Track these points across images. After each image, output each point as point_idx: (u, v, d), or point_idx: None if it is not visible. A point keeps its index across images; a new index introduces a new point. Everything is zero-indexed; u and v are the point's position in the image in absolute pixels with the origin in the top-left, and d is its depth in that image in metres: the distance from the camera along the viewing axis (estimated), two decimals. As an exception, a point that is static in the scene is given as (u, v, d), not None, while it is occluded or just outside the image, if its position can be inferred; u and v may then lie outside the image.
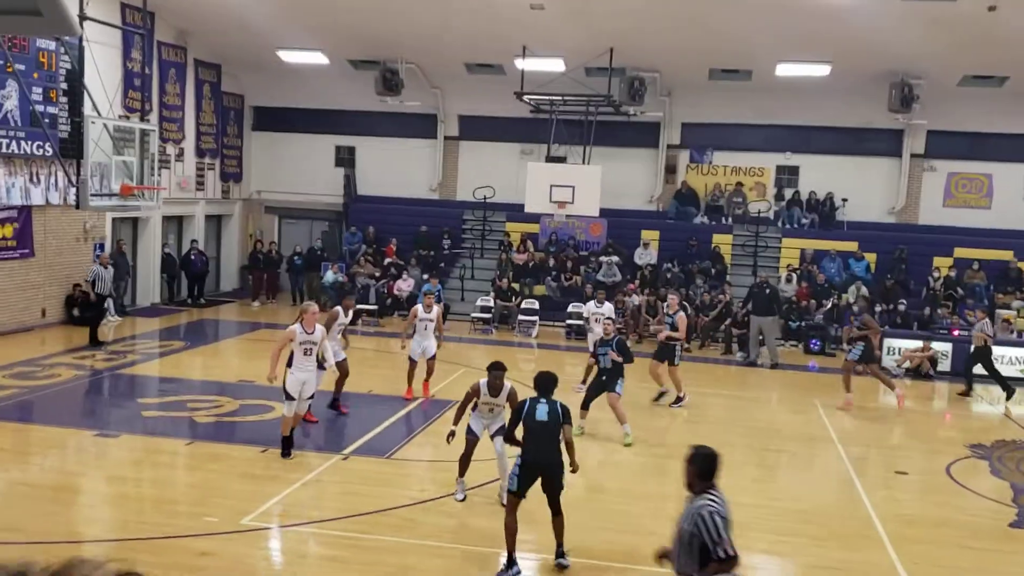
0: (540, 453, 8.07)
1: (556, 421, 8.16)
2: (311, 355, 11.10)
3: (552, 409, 8.18)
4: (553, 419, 8.14)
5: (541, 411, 8.17)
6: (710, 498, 5.24)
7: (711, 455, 5.44)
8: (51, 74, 18.30)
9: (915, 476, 11.90)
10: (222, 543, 8.35)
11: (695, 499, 5.30)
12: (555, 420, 8.15)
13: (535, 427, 8.13)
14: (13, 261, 18.18)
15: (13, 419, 12.36)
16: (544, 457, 8.09)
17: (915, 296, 22.14)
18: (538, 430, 8.12)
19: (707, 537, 5.06)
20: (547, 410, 8.18)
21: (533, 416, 8.15)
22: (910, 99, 21.99)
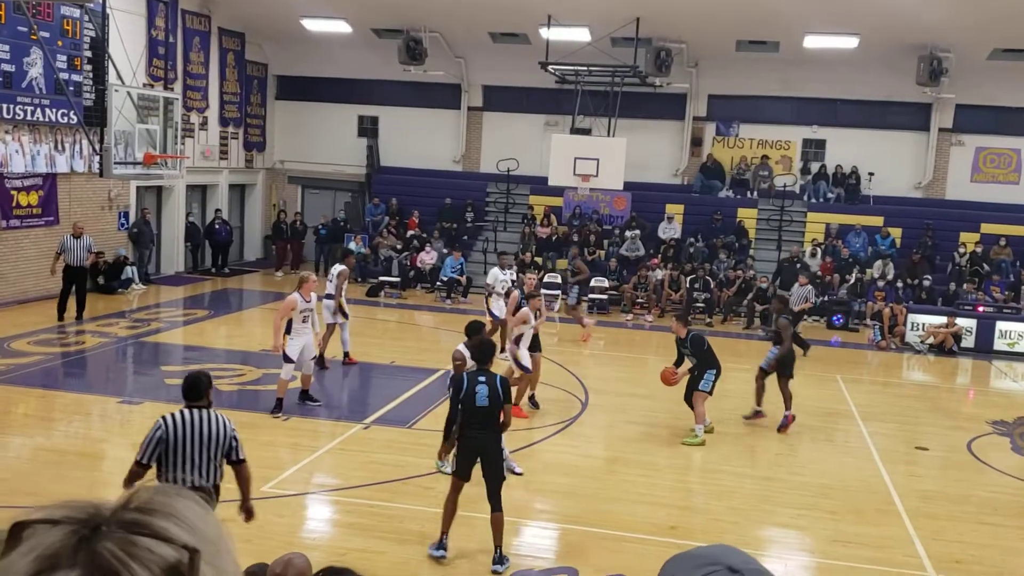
0: (476, 439, 7.63)
1: (497, 403, 7.57)
2: (308, 322, 11.57)
3: (493, 392, 7.55)
4: (494, 402, 7.56)
5: (482, 394, 7.54)
6: None
7: None
8: (75, 42, 18.35)
9: (936, 452, 11.84)
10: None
11: None
12: (496, 402, 7.57)
13: (474, 411, 7.57)
14: (38, 228, 18.34)
15: (38, 385, 12.53)
16: (481, 441, 7.63)
17: (940, 271, 21.92)
18: (476, 414, 7.58)
19: None
20: (487, 393, 7.54)
21: (473, 400, 7.55)
22: (939, 73, 21.65)
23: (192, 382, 6.46)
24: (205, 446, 6.22)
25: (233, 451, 6.35)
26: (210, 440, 6.24)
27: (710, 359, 11.47)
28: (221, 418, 6.36)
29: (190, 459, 6.21)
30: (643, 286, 21.26)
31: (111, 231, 20.54)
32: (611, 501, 9.26)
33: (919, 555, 8.33)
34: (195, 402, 6.38)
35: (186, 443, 6.19)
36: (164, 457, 6.22)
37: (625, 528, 8.51)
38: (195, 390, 6.41)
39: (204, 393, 6.43)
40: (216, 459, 6.29)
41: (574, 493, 9.55)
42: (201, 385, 6.44)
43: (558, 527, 8.74)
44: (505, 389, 7.67)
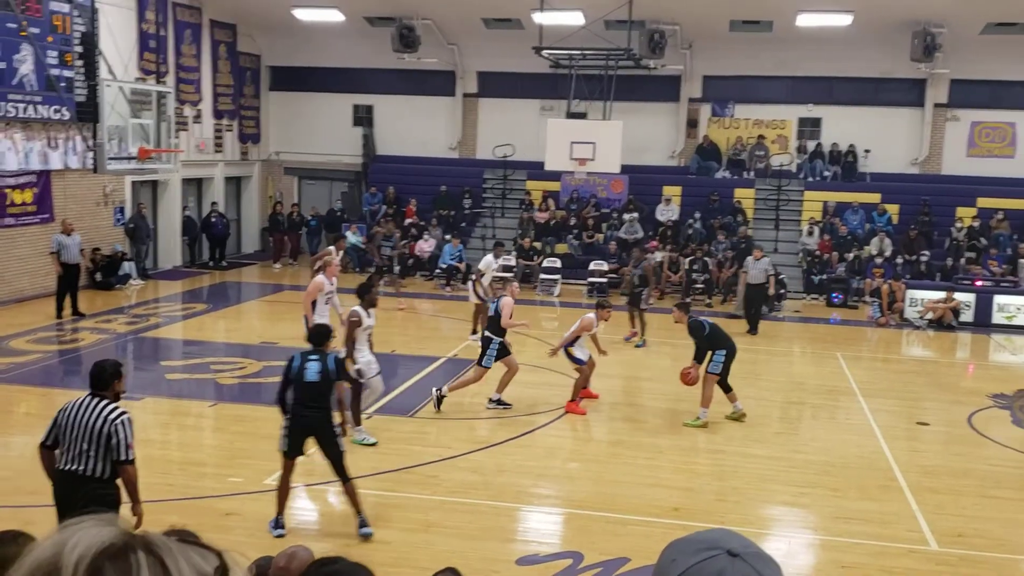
0: (306, 417, 7.57)
1: (328, 380, 7.59)
2: (330, 304, 11.73)
3: (324, 367, 7.58)
4: (324, 378, 7.58)
5: (312, 371, 7.58)
6: None
7: None
8: (65, 37, 18.23)
9: (937, 427, 11.87)
10: (247, 503, 8.47)
11: None
12: (327, 379, 7.59)
13: (302, 388, 7.59)
14: (33, 226, 18.30)
15: (37, 384, 12.53)
16: (311, 420, 7.58)
17: (938, 247, 21.92)
18: (306, 390, 7.58)
19: None
20: (318, 368, 7.58)
21: (302, 377, 7.58)
22: (932, 48, 21.59)
23: (97, 371, 6.18)
24: (84, 436, 5.96)
25: (113, 449, 5.98)
26: (90, 430, 5.96)
27: (716, 341, 11.26)
28: (108, 410, 6.02)
29: (72, 447, 6.00)
30: (642, 268, 21.20)
31: (107, 227, 20.50)
32: (614, 484, 9.28)
33: (922, 530, 8.35)
34: (100, 391, 6.11)
35: (69, 431, 6.01)
36: (58, 441, 6.10)
37: (629, 511, 8.53)
38: (99, 379, 6.14)
39: (108, 383, 6.14)
40: (93, 451, 5.97)
41: (577, 477, 9.57)
42: (105, 374, 6.15)
43: (562, 511, 8.76)
44: (339, 366, 7.71)
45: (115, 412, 6.03)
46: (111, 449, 5.98)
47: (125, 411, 6.13)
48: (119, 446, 5.98)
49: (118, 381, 6.21)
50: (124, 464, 6.01)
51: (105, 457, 6.00)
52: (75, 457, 6.00)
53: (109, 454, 5.99)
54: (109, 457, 6.00)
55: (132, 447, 6.07)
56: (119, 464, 6.01)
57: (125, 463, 6.02)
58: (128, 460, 6.03)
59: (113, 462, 6.01)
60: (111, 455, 5.99)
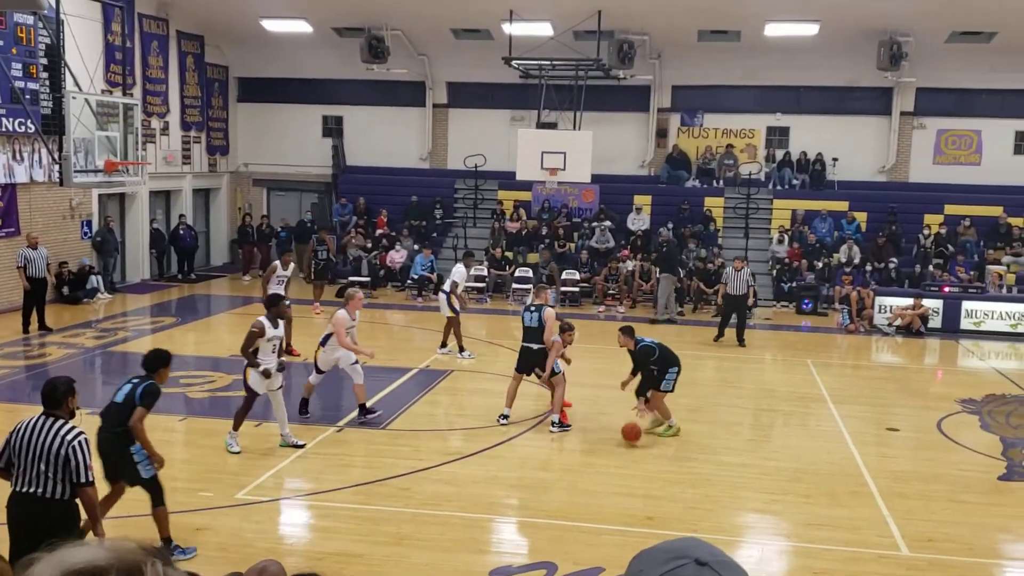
0: (109, 439, 7.35)
1: (130, 404, 7.35)
2: (349, 336, 11.45)
3: (131, 393, 7.40)
4: (128, 402, 7.37)
5: (122, 392, 7.46)
6: None
7: None
8: (30, 49, 18.05)
9: (906, 432, 11.97)
10: (218, 517, 8.38)
11: None
12: (129, 403, 7.35)
13: (108, 408, 7.48)
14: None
15: (5, 400, 12.34)
16: (108, 445, 7.34)
17: (906, 254, 22.17)
18: (109, 410, 7.45)
19: None
20: (127, 392, 7.42)
21: (112, 397, 7.48)
22: (899, 57, 21.88)
23: (49, 389, 6.01)
24: (40, 457, 5.80)
25: (72, 471, 5.83)
26: (46, 452, 5.80)
27: (668, 360, 11.21)
28: (65, 431, 5.86)
29: (27, 468, 5.85)
30: (614, 277, 21.31)
31: (74, 240, 20.26)
32: (587, 494, 9.27)
33: (892, 535, 8.42)
34: (51, 410, 5.96)
35: (24, 452, 5.85)
36: (12, 463, 5.94)
37: (602, 520, 8.52)
38: (51, 398, 5.99)
39: (61, 401, 5.98)
40: (51, 472, 5.81)
41: (550, 487, 9.56)
42: (57, 392, 5.99)
43: (535, 522, 8.74)
44: (145, 394, 7.34)
45: (72, 433, 5.90)
46: (70, 471, 5.85)
47: (82, 431, 6.01)
48: (78, 468, 5.86)
49: (71, 398, 6.07)
50: (84, 486, 5.90)
51: (64, 479, 5.87)
52: (32, 479, 5.87)
53: (67, 476, 5.86)
54: (68, 479, 5.87)
55: (91, 468, 5.96)
56: (78, 486, 5.89)
57: (84, 485, 5.90)
58: (88, 482, 5.92)
59: (72, 483, 5.88)
60: (69, 477, 5.86)
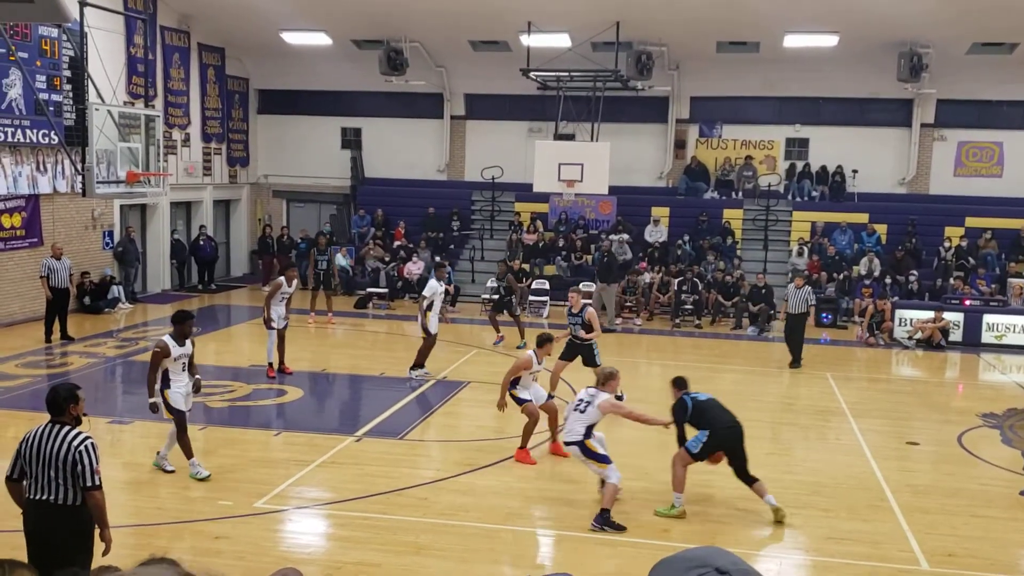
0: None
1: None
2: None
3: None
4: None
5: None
6: None
7: None
8: (54, 61, 18.28)
9: (927, 446, 11.87)
10: (236, 526, 8.41)
11: None
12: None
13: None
14: (22, 250, 18.24)
15: (27, 408, 12.43)
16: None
17: (927, 267, 22.03)
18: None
19: None
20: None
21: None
22: (919, 68, 21.79)
23: (52, 397, 6.11)
24: (50, 464, 5.89)
25: (80, 476, 5.90)
26: (55, 458, 5.88)
27: (702, 421, 9.14)
28: (71, 437, 5.94)
29: (40, 477, 5.92)
30: (631, 290, 21.28)
31: (96, 250, 20.44)
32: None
33: (913, 550, 8.35)
34: (57, 417, 6.05)
35: (35, 461, 5.93)
36: (24, 472, 6.01)
37: (619, 532, 8.49)
38: (54, 405, 6.07)
39: (64, 408, 6.06)
40: (61, 478, 5.90)
41: (567, 499, 9.53)
42: (59, 399, 6.06)
43: (552, 533, 8.73)
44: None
45: (78, 438, 5.96)
46: (78, 476, 5.91)
47: (88, 436, 6.07)
48: (85, 472, 5.91)
49: (74, 405, 6.12)
50: (91, 490, 5.95)
51: (74, 484, 5.93)
52: (44, 486, 5.93)
53: (76, 481, 5.92)
54: (77, 484, 5.93)
55: (98, 472, 6.01)
56: (86, 490, 5.94)
57: (92, 489, 5.95)
58: (95, 486, 5.96)
59: (81, 488, 5.94)
60: (78, 482, 5.92)
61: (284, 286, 14.37)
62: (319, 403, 13.88)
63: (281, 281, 14.46)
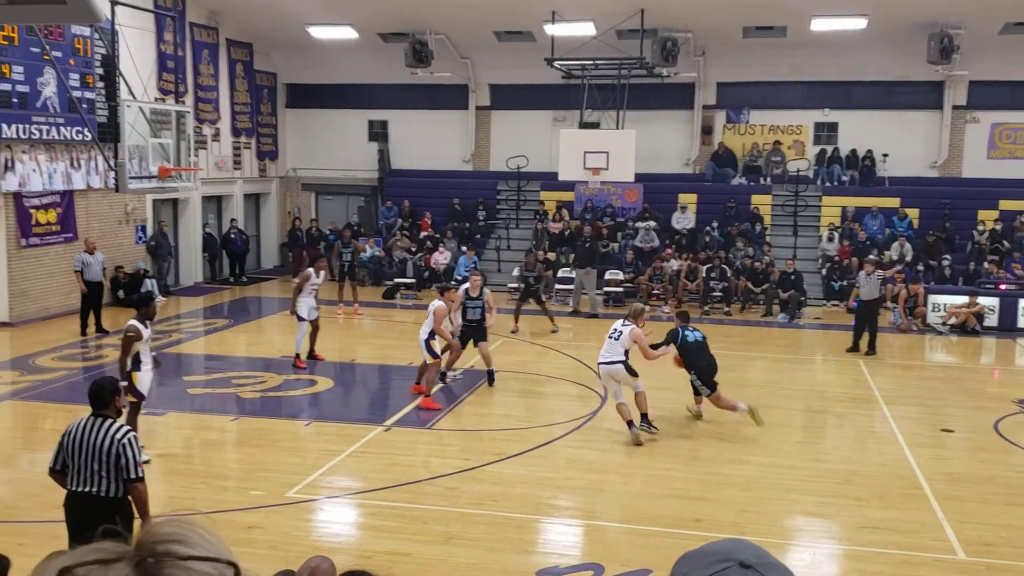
0: None
1: None
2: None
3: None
4: None
5: None
6: None
7: None
8: (87, 60, 18.49)
9: (962, 434, 11.75)
10: (270, 516, 8.50)
11: None
12: None
13: None
14: (57, 245, 18.49)
15: (62, 400, 12.63)
16: None
17: (960, 251, 21.75)
18: None
19: None
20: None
21: None
22: (950, 50, 21.48)
23: (96, 390, 6.20)
24: (94, 456, 5.98)
25: (123, 468, 5.98)
26: (98, 451, 5.97)
27: (685, 358, 11.54)
28: (114, 430, 6.05)
29: (81, 468, 6.01)
30: (659, 277, 21.21)
31: (129, 245, 20.68)
32: (635, 496, 9.26)
33: (948, 539, 8.27)
34: (100, 410, 6.14)
35: (77, 451, 6.02)
36: (67, 464, 6.10)
37: (650, 522, 8.50)
38: (98, 398, 6.17)
39: (108, 401, 6.18)
40: (104, 471, 5.99)
41: (598, 489, 9.55)
42: (104, 393, 6.18)
43: (582, 523, 8.75)
44: None
45: (121, 431, 6.07)
46: (120, 468, 6.00)
47: (130, 429, 6.18)
48: (128, 464, 6.00)
49: (117, 398, 6.27)
50: (134, 482, 6.05)
51: (116, 476, 6.02)
52: (87, 479, 6.03)
53: (119, 473, 6.02)
54: (120, 476, 6.02)
55: (141, 464, 6.12)
56: (129, 482, 6.03)
57: (135, 481, 6.05)
58: (138, 478, 6.06)
59: (124, 480, 6.04)
60: (121, 474, 6.02)
61: (313, 277, 14.53)
62: (348, 393, 13.98)
63: (310, 272, 14.61)
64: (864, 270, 16.69)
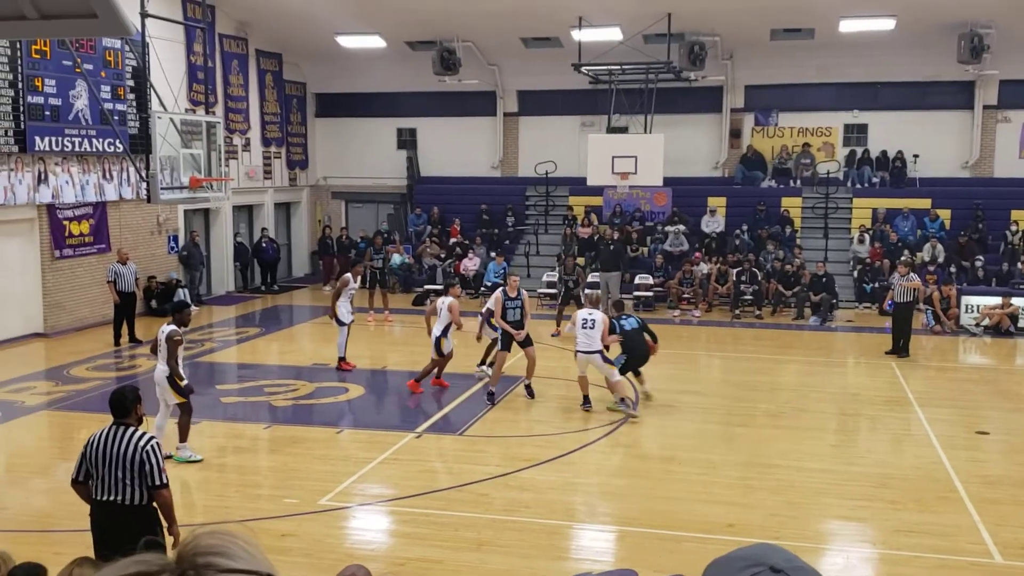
0: None
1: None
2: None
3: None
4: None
5: None
6: None
7: None
8: (118, 72, 18.75)
9: (997, 436, 11.60)
10: (302, 524, 8.57)
11: None
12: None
13: None
14: (91, 256, 18.75)
15: (97, 410, 12.76)
16: None
17: (993, 251, 21.48)
18: None
19: None
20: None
21: None
22: (980, 49, 21.24)
23: (118, 398, 6.25)
24: (117, 464, 6.02)
25: (148, 475, 6.03)
26: (121, 459, 6.02)
27: (624, 344, 12.60)
28: (137, 437, 6.09)
29: (107, 478, 6.04)
30: (688, 281, 21.13)
31: (161, 255, 20.93)
32: (667, 501, 9.22)
33: (985, 542, 8.17)
34: (122, 419, 6.19)
35: (101, 461, 6.06)
36: (90, 474, 6.13)
37: (683, 528, 8.47)
38: (120, 406, 6.21)
39: (130, 409, 6.22)
40: (129, 479, 6.02)
41: (630, 494, 9.52)
42: (126, 401, 6.22)
43: (615, 529, 8.73)
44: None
45: (144, 439, 6.13)
46: (145, 475, 6.06)
47: (153, 436, 6.26)
48: (153, 471, 6.07)
49: (139, 405, 6.33)
50: (160, 488, 6.11)
51: (141, 484, 6.08)
52: (111, 487, 6.09)
53: (144, 480, 6.07)
54: (144, 483, 6.08)
55: (164, 471, 6.17)
56: (154, 489, 6.09)
57: (160, 487, 6.11)
58: (163, 484, 6.12)
59: (148, 488, 6.09)
60: (145, 481, 6.07)
61: (351, 283, 14.93)
62: (380, 400, 14.05)
63: (348, 278, 15.00)
64: (897, 271, 16.59)
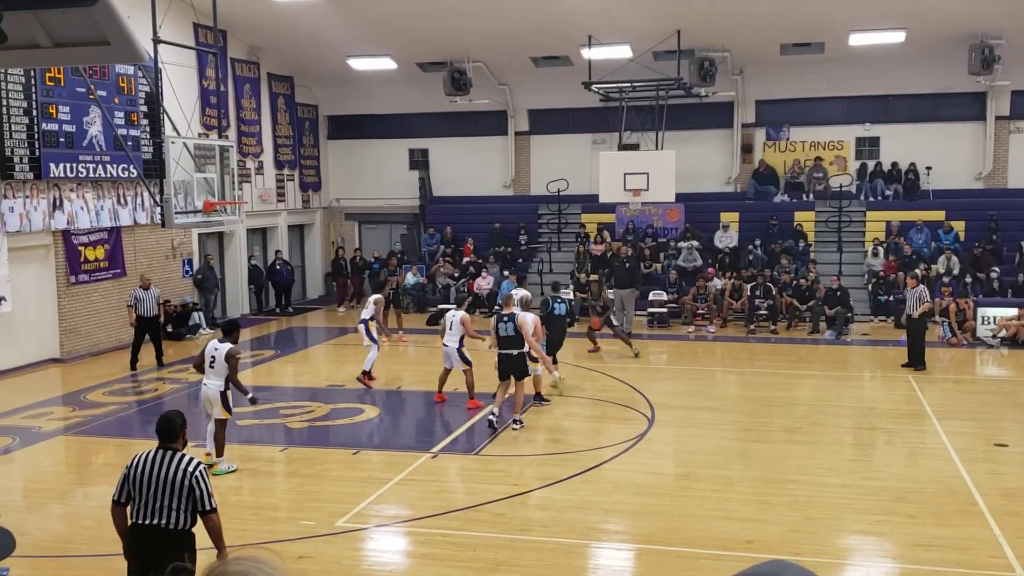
0: None
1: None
2: None
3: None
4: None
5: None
6: None
7: None
8: (131, 98, 18.93)
9: (1017, 448, 11.50)
10: (319, 546, 8.56)
11: None
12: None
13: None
14: (107, 281, 18.88)
15: (114, 435, 12.85)
16: None
17: (1008, 262, 21.37)
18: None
19: None
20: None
21: None
22: (991, 60, 21.21)
23: (166, 423, 6.25)
24: (163, 490, 6.02)
25: (197, 500, 6.05)
26: (169, 484, 6.02)
27: (547, 324, 14.37)
28: (186, 463, 6.10)
29: (149, 501, 6.04)
30: (703, 297, 21.09)
31: (176, 279, 21.05)
32: (684, 518, 9.18)
33: (1006, 555, 8.09)
34: (169, 443, 6.20)
35: (145, 484, 6.05)
36: (132, 497, 6.13)
37: (700, 545, 8.42)
38: (169, 432, 6.23)
39: (178, 435, 6.25)
40: (175, 504, 6.03)
41: (646, 512, 9.48)
42: (175, 426, 6.24)
43: (633, 547, 8.69)
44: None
45: (192, 464, 6.14)
46: (194, 501, 6.07)
47: (200, 462, 6.27)
48: (203, 496, 6.08)
49: (185, 431, 6.36)
50: (210, 513, 6.12)
51: (188, 509, 6.09)
52: (155, 511, 6.07)
53: (192, 506, 6.09)
54: (191, 509, 6.09)
55: (213, 495, 6.19)
56: (204, 514, 6.10)
57: (211, 512, 6.12)
58: (213, 509, 6.14)
59: (197, 512, 6.11)
60: (196, 506, 6.09)
61: (382, 302, 15.85)
62: (395, 420, 14.05)
63: (380, 297, 15.91)
64: (908, 284, 16.64)
